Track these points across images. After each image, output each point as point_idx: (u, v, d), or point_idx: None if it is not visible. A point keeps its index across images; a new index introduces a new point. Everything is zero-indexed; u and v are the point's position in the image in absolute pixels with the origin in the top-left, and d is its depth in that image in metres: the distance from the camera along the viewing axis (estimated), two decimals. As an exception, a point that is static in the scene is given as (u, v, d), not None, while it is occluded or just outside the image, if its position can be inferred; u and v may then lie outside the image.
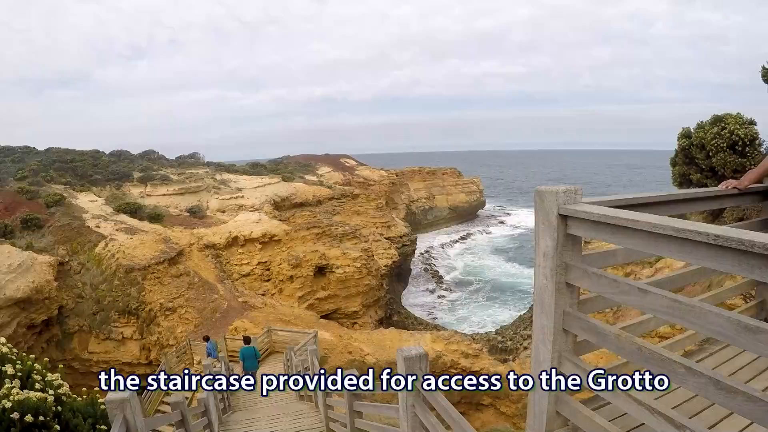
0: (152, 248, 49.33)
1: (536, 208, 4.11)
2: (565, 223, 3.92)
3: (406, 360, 5.63)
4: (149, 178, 73.21)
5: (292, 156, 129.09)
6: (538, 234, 4.11)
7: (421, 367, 5.70)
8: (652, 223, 3.18)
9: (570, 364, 4.12)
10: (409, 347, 5.77)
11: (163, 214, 62.22)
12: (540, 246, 4.07)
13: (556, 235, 3.90)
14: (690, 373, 3.07)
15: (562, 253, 3.94)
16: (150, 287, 46.19)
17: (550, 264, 3.96)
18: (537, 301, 4.20)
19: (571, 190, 3.96)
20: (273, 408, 18.88)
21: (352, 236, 65.75)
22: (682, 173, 16.59)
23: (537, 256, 4.13)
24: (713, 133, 15.07)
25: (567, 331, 4.09)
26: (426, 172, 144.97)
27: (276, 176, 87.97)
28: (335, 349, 35.99)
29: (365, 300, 61.99)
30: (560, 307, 4.01)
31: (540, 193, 4.04)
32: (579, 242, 4.05)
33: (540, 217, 4.06)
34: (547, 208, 3.96)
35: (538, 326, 4.24)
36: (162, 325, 44.51)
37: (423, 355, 5.71)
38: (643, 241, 3.33)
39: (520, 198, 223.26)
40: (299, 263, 57.79)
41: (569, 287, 4.02)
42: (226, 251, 57.43)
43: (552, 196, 3.92)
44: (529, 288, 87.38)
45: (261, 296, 52.61)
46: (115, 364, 44.85)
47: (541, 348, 4.24)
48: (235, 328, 40.13)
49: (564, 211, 3.86)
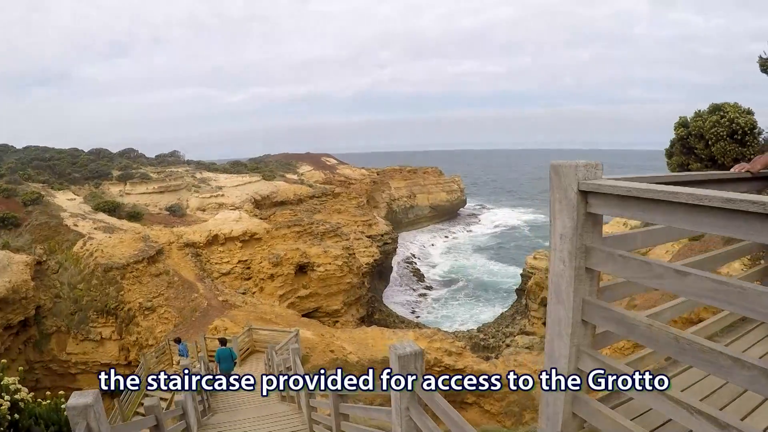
0: (131, 247, 48.69)
1: (552, 185, 3.66)
2: (586, 201, 3.48)
3: (400, 358, 5.18)
4: (128, 177, 72.51)
5: (273, 155, 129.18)
6: (554, 214, 3.67)
7: (416, 365, 5.27)
8: (696, 194, 2.76)
9: (589, 359, 3.70)
10: (403, 344, 5.34)
11: (142, 213, 61.74)
12: (556, 227, 3.64)
13: (576, 215, 3.47)
14: (738, 365, 2.67)
15: (582, 234, 3.51)
16: (129, 286, 45.57)
17: (568, 247, 3.53)
18: (552, 290, 3.76)
19: (591, 164, 3.53)
20: (254, 409, 18.40)
21: (333, 234, 65.49)
22: (680, 163, 16.20)
23: (553, 239, 3.69)
24: (712, 121, 14.67)
25: (586, 322, 3.66)
26: (407, 171, 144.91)
27: (257, 175, 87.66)
28: (317, 348, 35.55)
29: (347, 298, 61.78)
30: (579, 295, 3.58)
31: (556, 167, 3.61)
32: (600, 222, 3.62)
33: (556, 194, 3.62)
34: (565, 184, 3.52)
35: (554, 318, 3.80)
36: (141, 324, 43.88)
37: (419, 352, 5.28)
38: (682, 216, 2.90)
39: (500, 197, 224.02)
40: (280, 261, 57.39)
41: (589, 273, 3.60)
42: (206, 250, 56.87)
43: (570, 171, 3.48)
44: (511, 286, 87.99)
45: (241, 295, 52.05)
46: (94, 365, 44.18)
47: (557, 342, 3.81)
48: (215, 327, 39.62)
49: (585, 186, 3.43)
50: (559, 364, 3.79)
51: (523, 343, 56.95)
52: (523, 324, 64.13)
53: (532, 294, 63.65)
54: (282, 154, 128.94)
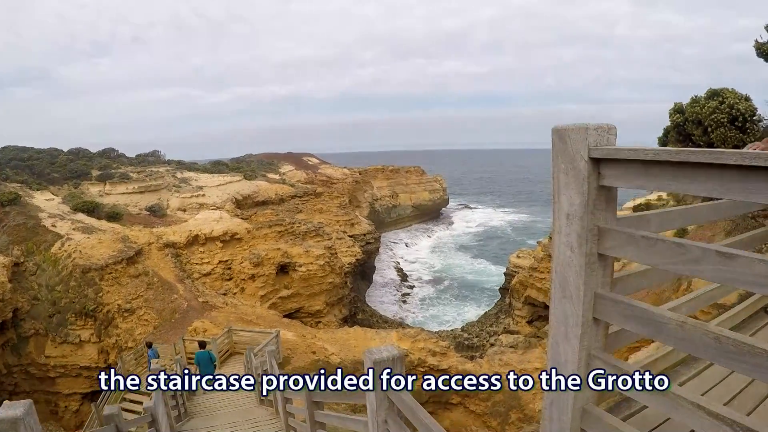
0: (110, 247, 48.00)
1: (555, 155, 3.01)
2: (598, 172, 2.84)
3: (376, 363, 4.69)
4: (108, 177, 71.64)
5: (255, 154, 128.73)
6: (557, 189, 3.01)
7: (395, 372, 4.80)
8: (746, 153, 2.14)
9: (602, 365, 3.06)
10: (379, 348, 4.86)
11: (121, 213, 60.92)
12: (561, 205, 2.99)
13: (586, 188, 2.83)
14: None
15: (593, 212, 2.87)
16: (107, 288, 44.89)
17: (577, 229, 2.89)
18: (557, 282, 3.10)
19: (603, 127, 2.89)
20: (232, 414, 17.82)
21: (315, 234, 64.95)
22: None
23: (557, 221, 3.04)
24: (711, 107, 14.08)
25: (598, 320, 3.03)
26: (389, 171, 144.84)
27: (238, 174, 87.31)
28: (298, 349, 35.03)
29: (329, 298, 61.31)
30: (590, 287, 2.93)
31: (561, 132, 2.97)
32: (614, 198, 2.97)
33: (561, 165, 2.97)
34: (572, 151, 2.88)
35: (559, 316, 3.14)
36: (120, 327, 43.30)
37: (397, 357, 4.76)
38: (728, 182, 2.27)
39: (483, 196, 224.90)
40: (261, 261, 56.80)
41: (602, 260, 2.96)
42: (186, 250, 56.18)
43: (579, 136, 2.85)
44: (493, 285, 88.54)
45: (222, 296, 51.50)
46: (73, 368, 43.39)
47: (563, 346, 3.15)
48: (195, 329, 39.09)
49: (598, 153, 2.79)
50: (565, 371, 3.15)
51: (508, 342, 56.70)
52: (507, 323, 63.94)
53: (516, 293, 63.43)
54: (263, 154, 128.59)
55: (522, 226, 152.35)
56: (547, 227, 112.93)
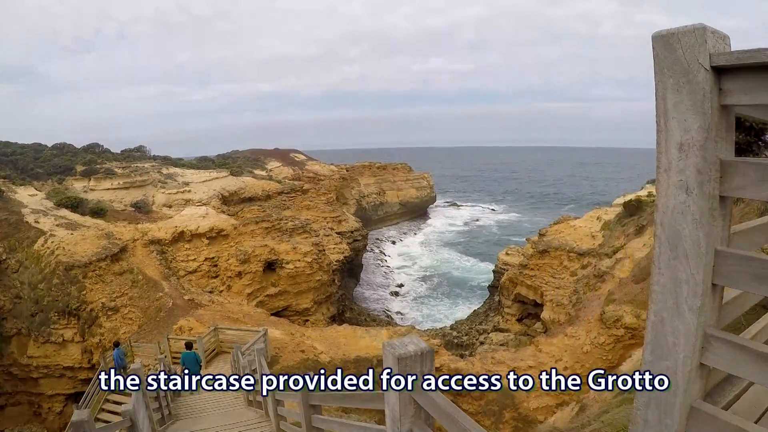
0: (94, 244, 47.33)
1: (660, 68, 2.22)
2: (719, 86, 2.08)
3: (400, 360, 3.88)
4: (93, 172, 70.87)
5: (241, 151, 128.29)
6: (665, 112, 2.22)
7: (423, 369, 3.98)
8: None
9: (723, 347, 2.27)
10: (403, 340, 4.03)
11: (106, 209, 60.12)
12: (671, 133, 2.19)
13: (709, 107, 2.05)
14: None
15: (716, 140, 2.09)
16: (91, 286, 44.19)
17: (696, 162, 2.11)
18: (664, 239, 2.29)
19: (719, 34, 2.12)
20: (219, 416, 17.09)
21: (302, 231, 64.38)
22: None
23: (663, 155, 2.24)
24: None
25: (717, 287, 2.25)
26: (376, 167, 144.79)
27: (224, 170, 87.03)
28: (287, 347, 34.34)
29: (317, 296, 60.79)
30: (712, 243, 2.15)
31: (666, 39, 2.18)
32: (733, 126, 2.19)
33: (669, 79, 2.18)
34: (686, 60, 2.10)
35: (667, 284, 2.31)
36: (104, 326, 42.59)
37: (427, 352, 3.94)
38: None
39: (470, 193, 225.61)
40: (248, 258, 56.12)
41: (724, 205, 2.18)
42: (171, 247, 55.49)
43: (695, 40, 2.08)
44: (481, 282, 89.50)
45: (208, 293, 50.86)
46: (56, 369, 42.63)
47: (673, 322, 2.33)
48: (180, 327, 38.44)
49: (723, 60, 2.02)
50: (672, 357, 2.35)
51: (498, 340, 56.35)
52: (497, 321, 63.66)
53: (505, 290, 63.16)
54: (250, 150, 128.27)
55: (509, 224, 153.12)
56: (533, 226, 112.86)
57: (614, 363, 33.40)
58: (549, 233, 61.95)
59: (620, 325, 33.40)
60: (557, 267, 55.75)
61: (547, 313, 51.71)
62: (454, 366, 35.77)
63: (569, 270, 53.97)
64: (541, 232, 64.49)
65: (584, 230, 58.99)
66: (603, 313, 34.78)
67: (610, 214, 59.89)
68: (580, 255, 54.23)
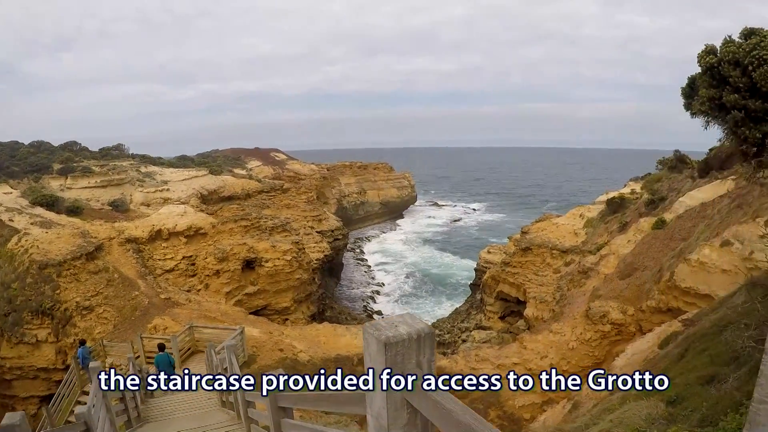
0: (69, 242, 46.58)
1: None
2: None
3: (389, 348, 2.95)
4: (70, 170, 70.13)
5: (221, 150, 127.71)
6: None
7: (421, 360, 3.07)
8: None
9: None
10: (392, 319, 3.13)
11: (82, 207, 59.29)
12: None
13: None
14: None
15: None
16: (65, 285, 43.37)
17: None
18: None
19: None
20: (190, 419, 16.47)
21: (281, 229, 63.80)
22: (710, 97, 14.10)
23: None
24: (752, 44, 12.87)
25: None
26: (357, 167, 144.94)
27: (204, 169, 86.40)
28: (265, 346, 33.78)
29: (296, 295, 60.16)
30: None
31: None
32: None
33: None
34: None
35: None
36: (79, 325, 41.79)
37: (426, 334, 3.02)
38: None
39: (451, 193, 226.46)
40: (226, 257, 55.39)
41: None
42: (149, 245, 54.70)
43: None
44: (460, 280, 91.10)
45: (185, 292, 50.16)
46: (30, 370, 41.83)
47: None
48: (155, 326, 37.85)
49: None
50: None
51: (480, 338, 56.10)
52: (479, 319, 63.42)
53: (488, 288, 62.98)
54: (230, 149, 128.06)
55: (489, 222, 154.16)
56: (514, 226, 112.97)
57: (601, 359, 33.06)
58: (531, 231, 61.74)
59: (606, 321, 33.07)
60: (540, 264, 55.57)
61: (530, 310, 51.42)
62: (437, 364, 35.19)
63: (552, 267, 53.78)
64: (524, 230, 64.31)
65: (567, 228, 58.85)
66: (589, 309, 34.45)
67: (593, 211, 59.74)
68: (563, 252, 54.08)
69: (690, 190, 43.30)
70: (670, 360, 13.75)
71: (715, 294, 26.60)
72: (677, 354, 13.85)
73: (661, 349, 18.13)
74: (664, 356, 15.33)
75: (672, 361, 13.38)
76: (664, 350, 16.83)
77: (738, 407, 7.44)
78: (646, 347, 20.30)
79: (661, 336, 20.59)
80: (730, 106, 13.26)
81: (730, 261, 26.71)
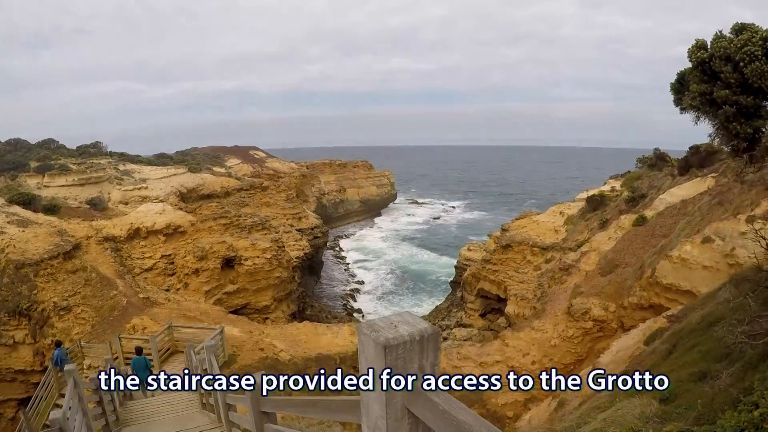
0: (45, 242, 45.86)
1: None
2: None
3: (389, 351, 2.68)
4: (47, 168, 69.30)
5: (200, 148, 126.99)
6: None
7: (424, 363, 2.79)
8: None
9: None
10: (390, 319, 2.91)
11: (59, 206, 58.52)
12: None
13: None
14: None
15: None
16: (43, 285, 42.69)
17: None
18: None
19: None
20: (170, 422, 16.16)
21: (261, 227, 63.39)
22: (701, 92, 13.77)
23: None
24: (743, 40, 12.61)
25: None
26: (337, 165, 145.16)
27: (182, 167, 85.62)
28: (245, 345, 33.48)
29: (277, 293, 59.80)
30: None
31: None
32: None
33: None
34: None
35: None
36: (56, 326, 41.15)
37: (431, 335, 2.76)
38: None
39: (430, 191, 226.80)
40: (205, 255, 54.93)
41: None
42: (127, 244, 54.14)
43: None
44: (439, 277, 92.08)
45: (164, 292, 49.70)
46: (7, 372, 41.09)
47: None
48: (133, 326, 37.41)
49: None
50: None
51: (461, 336, 56.05)
52: (460, 316, 63.40)
53: (468, 285, 62.92)
54: (209, 147, 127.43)
55: (468, 221, 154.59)
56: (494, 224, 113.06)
57: (583, 356, 33.05)
58: (512, 228, 61.75)
59: (588, 318, 33.08)
60: (521, 261, 55.61)
61: (511, 307, 51.32)
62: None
63: (533, 264, 53.82)
64: (504, 227, 64.31)
65: (547, 225, 58.90)
66: (570, 306, 34.44)
67: (573, 209, 59.81)
68: (544, 249, 54.12)
69: (670, 188, 43.39)
70: (657, 356, 13.62)
71: (696, 290, 26.62)
72: (665, 350, 13.72)
73: (646, 346, 18.04)
74: (651, 353, 15.23)
75: (660, 357, 13.25)
76: (651, 347, 16.73)
77: (736, 404, 7.26)
78: (631, 344, 20.24)
79: (646, 332, 20.53)
80: (722, 102, 13.07)
81: (712, 257, 26.73)
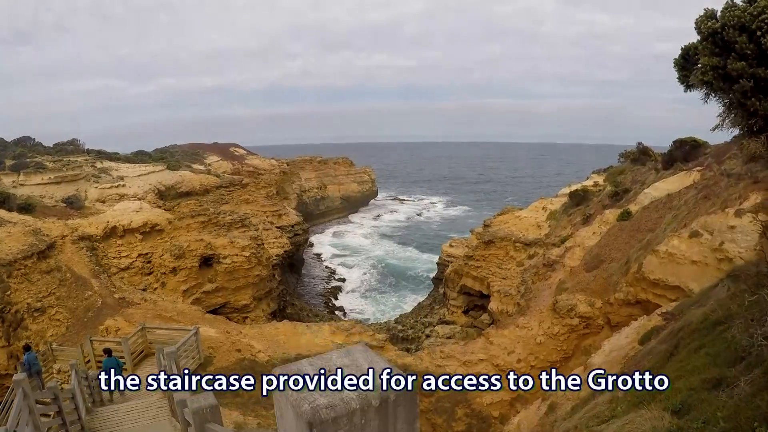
0: (19, 241, 44.92)
1: None
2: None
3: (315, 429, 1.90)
4: (22, 166, 68.54)
5: (180, 145, 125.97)
6: None
7: None
8: None
9: None
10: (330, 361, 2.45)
11: (35, 205, 57.52)
12: None
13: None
14: None
15: None
16: (16, 285, 41.75)
17: None
18: None
19: None
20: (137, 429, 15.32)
21: (240, 225, 62.63)
22: (713, 66, 12.80)
23: None
24: (759, 7, 11.69)
25: None
26: (317, 162, 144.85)
27: (161, 164, 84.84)
28: (221, 347, 32.68)
29: (256, 292, 59.13)
30: None
31: None
32: None
33: None
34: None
35: None
36: (30, 328, 40.32)
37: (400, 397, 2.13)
38: None
39: (412, 188, 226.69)
40: (183, 253, 54.05)
41: None
42: (103, 243, 53.14)
43: None
44: (420, 273, 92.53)
45: (141, 291, 48.87)
46: (-18, 376, 40.19)
47: None
48: (107, 327, 36.53)
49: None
50: None
51: (444, 333, 55.57)
52: (442, 313, 62.98)
53: (451, 282, 62.51)
54: (189, 144, 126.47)
55: (450, 217, 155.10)
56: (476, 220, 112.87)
57: (569, 353, 32.57)
58: (494, 224, 61.37)
59: (574, 315, 32.63)
60: (503, 257, 55.19)
61: (495, 304, 50.87)
62: (401, 362, 34.63)
63: (516, 260, 53.41)
64: (486, 223, 63.93)
65: (530, 220, 58.54)
66: (555, 303, 33.98)
67: (555, 204, 59.42)
68: (527, 245, 53.69)
69: (655, 182, 42.98)
70: (657, 358, 12.98)
71: (685, 285, 26.17)
72: (664, 351, 13.07)
73: (642, 345, 17.41)
74: (648, 353, 14.59)
75: (660, 359, 12.59)
76: (647, 347, 16.10)
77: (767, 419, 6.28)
78: (624, 343, 19.61)
79: (640, 331, 19.90)
80: (737, 75, 12.04)
81: (700, 252, 26.28)
